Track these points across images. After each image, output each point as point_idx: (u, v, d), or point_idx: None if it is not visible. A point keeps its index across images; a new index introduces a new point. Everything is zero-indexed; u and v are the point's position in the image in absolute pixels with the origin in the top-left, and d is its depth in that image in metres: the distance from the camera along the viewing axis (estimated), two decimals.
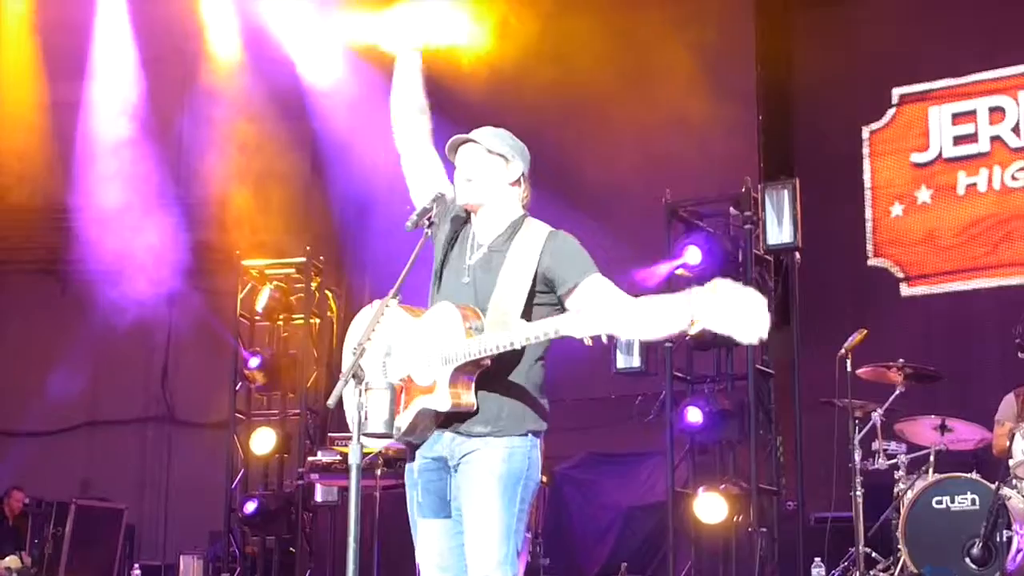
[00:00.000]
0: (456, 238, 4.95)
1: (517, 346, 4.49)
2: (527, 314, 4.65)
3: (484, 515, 4.62)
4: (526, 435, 4.71)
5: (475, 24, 12.15)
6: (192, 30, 14.18)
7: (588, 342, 4.36)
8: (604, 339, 4.33)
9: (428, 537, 4.84)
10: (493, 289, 4.73)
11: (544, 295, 4.73)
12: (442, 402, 4.60)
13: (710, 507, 10.56)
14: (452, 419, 4.68)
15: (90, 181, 14.53)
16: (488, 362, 4.60)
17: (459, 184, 4.89)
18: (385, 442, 4.72)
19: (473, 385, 4.63)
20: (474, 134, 4.92)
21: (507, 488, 4.64)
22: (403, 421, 4.68)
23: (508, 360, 4.66)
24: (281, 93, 13.62)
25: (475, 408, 4.63)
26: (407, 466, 4.91)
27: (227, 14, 14.10)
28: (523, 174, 4.94)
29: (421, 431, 4.73)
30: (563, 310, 4.63)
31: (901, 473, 9.41)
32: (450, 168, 5.01)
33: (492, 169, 4.88)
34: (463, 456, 4.69)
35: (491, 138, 4.91)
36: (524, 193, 4.95)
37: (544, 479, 9.65)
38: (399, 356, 4.73)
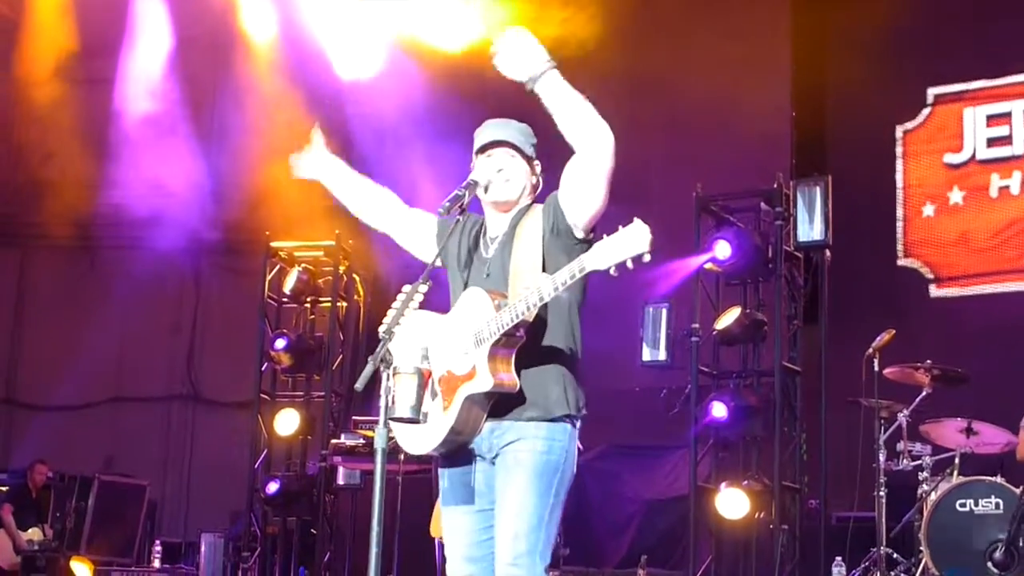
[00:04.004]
0: (470, 236, 5.00)
1: (547, 297, 4.47)
2: None
3: (518, 505, 4.61)
4: (567, 421, 4.70)
5: (504, 14, 12.18)
6: (227, 9, 14.20)
7: (613, 272, 4.33)
8: (630, 265, 4.29)
9: (456, 527, 4.85)
10: (509, 272, 4.77)
11: (557, 251, 4.71)
12: (483, 383, 4.57)
13: (732, 503, 10.55)
14: (499, 407, 4.66)
15: (121, 159, 14.58)
16: (523, 334, 4.59)
17: (497, 180, 4.90)
18: (439, 436, 4.69)
19: (512, 361, 4.61)
20: (510, 135, 4.96)
21: (543, 479, 4.63)
22: (450, 418, 4.64)
23: (547, 333, 4.69)
24: (314, 75, 13.63)
25: (518, 387, 4.61)
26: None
27: None
28: (539, 172, 5.03)
29: (471, 429, 4.68)
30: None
31: (925, 475, 9.36)
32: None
33: (525, 172, 4.97)
34: (502, 447, 4.69)
35: (524, 140, 4.97)
36: (539, 188, 5.04)
37: None
38: (436, 354, 4.69)
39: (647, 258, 4.27)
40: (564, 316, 4.77)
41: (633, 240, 4.29)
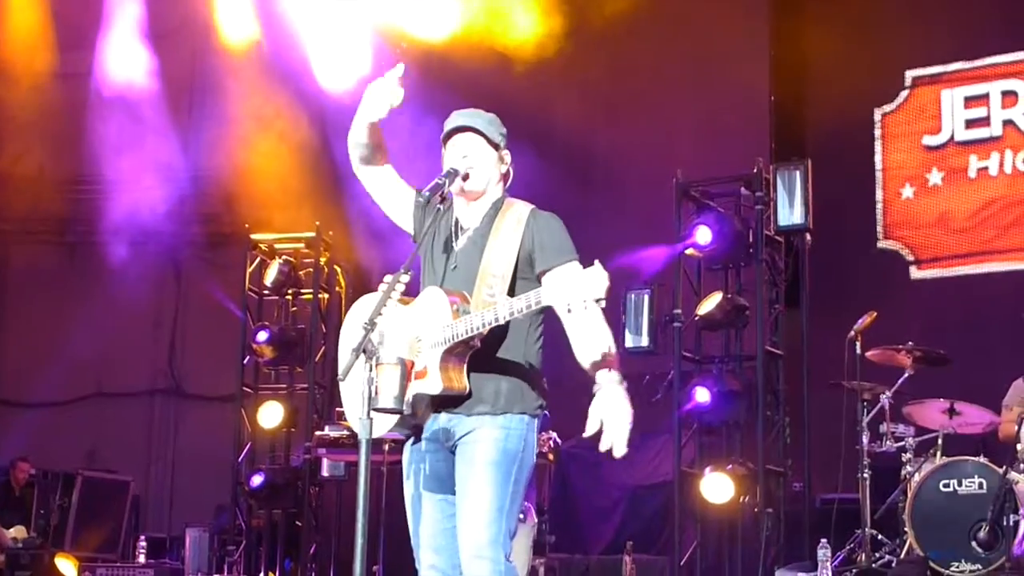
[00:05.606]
0: (441, 224, 4.94)
1: (501, 321, 4.49)
2: (512, 291, 4.67)
3: (477, 495, 4.64)
4: (523, 415, 4.74)
5: (486, 4, 12.16)
6: (204, 1, 14.14)
7: (568, 311, 4.35)
8: (584, 307, 4.27)
9: (425, 516, 4.86)
10: (478, 270, 4.76)
11: (528, 271, 4.75)
12: (433, 386, 4.61)
13: (716, 487, 10.57)
14: (448, 402, 4.70)
15: (99, 152, 14.51)
16: (477, 343, 4.62)
17: (463, 167, 4.86)
18: (393, 419, 4.67)
19: (465, 367, 4.65)
20: (475, 122, 4.91)
21: (501, 468, 4.66)
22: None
23: (503, 341, 4.70)
24: (291, 66, 13.58)
25: (468, 390, 4.65)
26: (407, 445, 4.92)
27: None
28: (509, 162, 4.99)
29: (419, 416, 4.73)
30: None
31: (909, 456, 9.38)
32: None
33: (492, 160, 4.91)
34: (460, 437, 4.72)
35: (491, 128, 4.91)
36: (510, 178, 5.01)
37: (551, 457, 9.70)
38: (390, 343, 4.67)
39: (602, 304, 4.28)
40: (524, 322, 4.72)
41: (591, 284, 4.24)
